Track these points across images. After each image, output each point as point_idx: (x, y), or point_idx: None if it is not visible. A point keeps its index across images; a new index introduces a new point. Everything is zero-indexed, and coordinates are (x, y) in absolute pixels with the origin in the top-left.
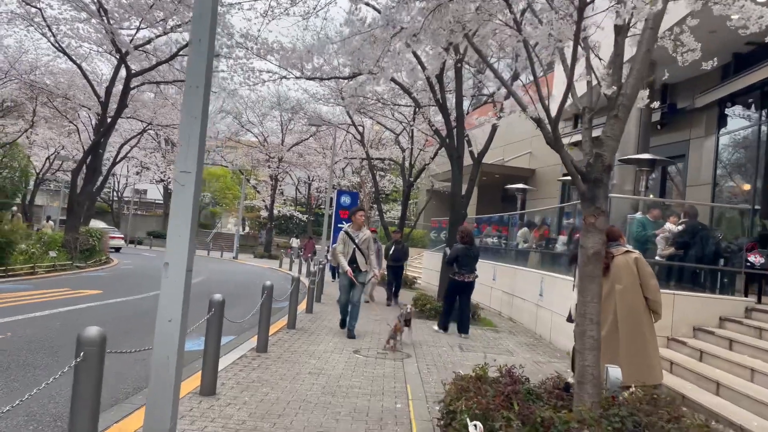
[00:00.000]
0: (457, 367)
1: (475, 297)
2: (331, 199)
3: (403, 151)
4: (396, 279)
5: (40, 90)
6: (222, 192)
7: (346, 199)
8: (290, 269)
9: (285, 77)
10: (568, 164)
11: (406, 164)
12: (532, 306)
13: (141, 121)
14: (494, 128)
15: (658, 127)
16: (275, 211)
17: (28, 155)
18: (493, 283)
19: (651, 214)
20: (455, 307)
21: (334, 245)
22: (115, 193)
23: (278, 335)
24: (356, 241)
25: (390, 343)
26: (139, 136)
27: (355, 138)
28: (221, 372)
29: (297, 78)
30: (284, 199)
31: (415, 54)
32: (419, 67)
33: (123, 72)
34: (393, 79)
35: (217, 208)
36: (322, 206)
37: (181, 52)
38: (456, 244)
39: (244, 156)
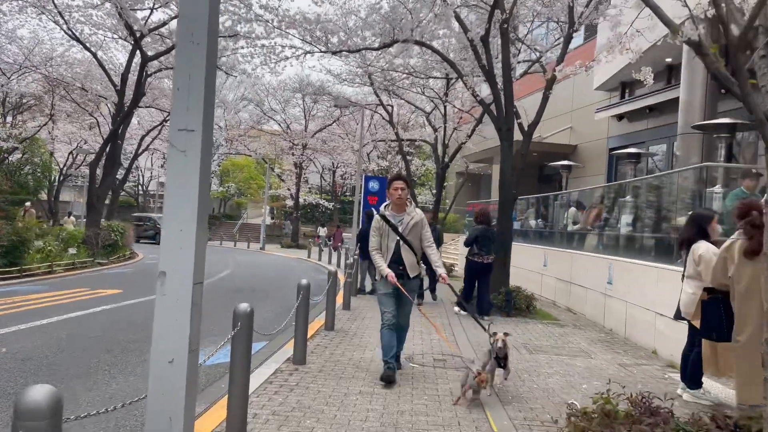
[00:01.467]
0: (532, 374)
1: (526, 285)
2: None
3: (436, 130)
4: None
5: (57, 82)
6: (246, 182)
7: (374, 185)
8: (319, 259)
9: (309, 52)
10: (757, 108)
11: (439, 144)
12: (597, 295)
13: (161, 110)
14: (546, 97)
15: (722, 91)
16: (301, 200)
17: (50, 151)
18: (544, 269)
19: (745, 185)
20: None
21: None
22: (140, 187)
23: (316, 339)
24: (400, 228)
25: (466, 396)
26: (159, 127)
27: (383, 118)
28: (252, 395)
29: (322, 53)
30: (309, 187)
31: (458, 18)
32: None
33: (139, 59)
34: (430, 46)
35: (242, 198)
36: (347, 193)
37: None
38: (473, 226)
39: (267, 144)
